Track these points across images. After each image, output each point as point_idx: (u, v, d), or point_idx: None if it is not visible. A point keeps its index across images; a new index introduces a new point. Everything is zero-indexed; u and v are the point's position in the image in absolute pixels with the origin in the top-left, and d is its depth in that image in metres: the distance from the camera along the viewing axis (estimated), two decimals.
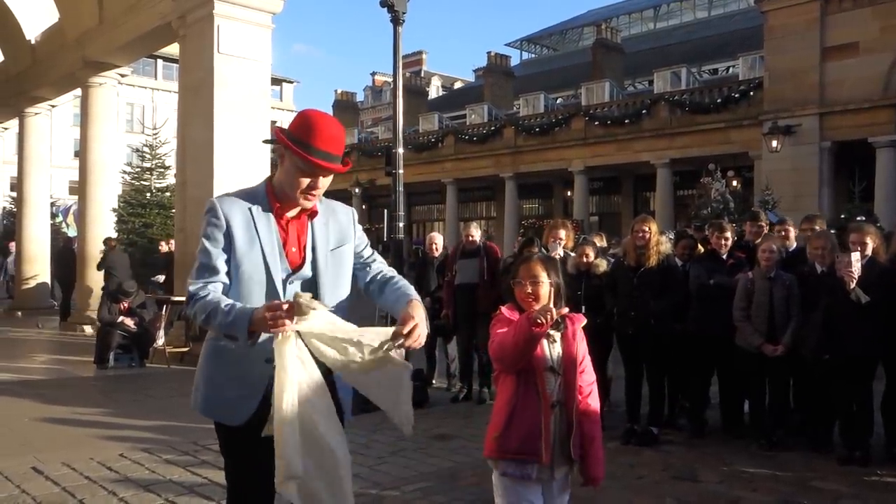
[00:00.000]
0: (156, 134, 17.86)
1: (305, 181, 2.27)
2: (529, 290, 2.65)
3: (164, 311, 9.82)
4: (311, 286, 2.35)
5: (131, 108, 45.14)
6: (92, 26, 13.30)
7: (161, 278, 12.78)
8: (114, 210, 15.13)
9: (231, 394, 2.32)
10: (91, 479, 4.66)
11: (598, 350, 5.84)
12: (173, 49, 12.20)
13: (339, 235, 2.46)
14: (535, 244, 7.06)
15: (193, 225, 10.00)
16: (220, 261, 2.26)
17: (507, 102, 35.55)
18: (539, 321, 2.43)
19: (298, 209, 2.38)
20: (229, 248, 2.28)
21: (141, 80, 45.83)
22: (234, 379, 2.32)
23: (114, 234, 15.26)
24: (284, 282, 2.33)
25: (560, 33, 46.35)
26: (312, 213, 2.41)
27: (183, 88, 10.74)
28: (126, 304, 9.58)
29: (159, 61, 46.05)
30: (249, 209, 2.32)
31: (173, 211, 13.65)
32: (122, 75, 14.73)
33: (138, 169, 18.03)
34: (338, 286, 2.44)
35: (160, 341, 9.68)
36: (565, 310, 2.65)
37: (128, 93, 42.01)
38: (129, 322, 9.50)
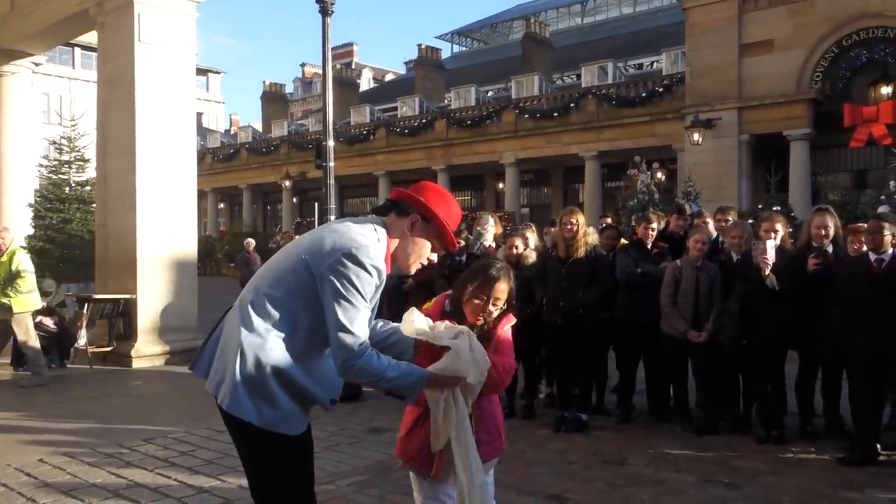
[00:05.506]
0: (74, 125, 17.05)
1: (429, 253, 2.47)
2: (485, 309, 2.54)
3: (85, 310, 9.46)
4: None
5: (48, 99, 43.16)
6: (3, 12, 12.65)
7: None
8: (30, 205, 14.46)
9: (313, 399, 2.36)
10: (8, 487, 4.47)
11: (529, 341, 5.96)
12: (92, 37, 11.71)
13: None
14: (467, 242, 7.06)
15: (115, 221, 9.63)
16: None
17: (438, 95, 35.60)
18: None
19: None
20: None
21: (57, 68, 43.88)
22: (319, 382, 2.34)
23: (31, 230, 14.60)
24: None
25: (490, 27, 46.68)
26: None
27: (102, 78, 10.34)
28: (44, 304, 9.20)
29: (77, 49, 44.14)
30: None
31: (94, 206, 13.14)
32: (37, 64, 14.11)
33: (55, 162, 17.19)
34: None
35: (82, 341, 9.32)
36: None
37: (43, 82, 40.09)
38: (48, 322, 9.12)
